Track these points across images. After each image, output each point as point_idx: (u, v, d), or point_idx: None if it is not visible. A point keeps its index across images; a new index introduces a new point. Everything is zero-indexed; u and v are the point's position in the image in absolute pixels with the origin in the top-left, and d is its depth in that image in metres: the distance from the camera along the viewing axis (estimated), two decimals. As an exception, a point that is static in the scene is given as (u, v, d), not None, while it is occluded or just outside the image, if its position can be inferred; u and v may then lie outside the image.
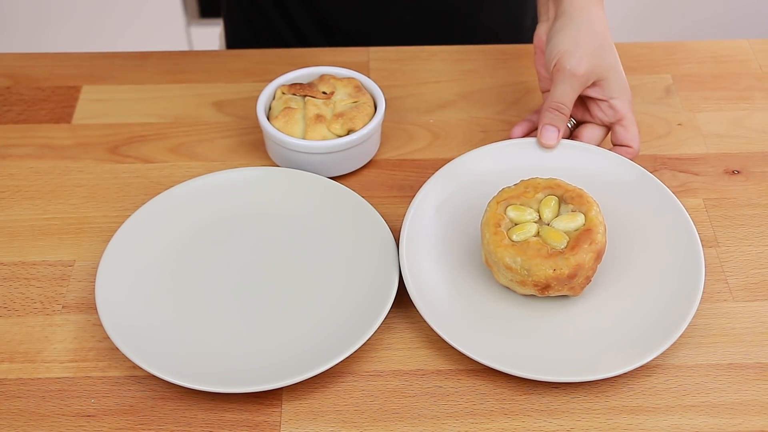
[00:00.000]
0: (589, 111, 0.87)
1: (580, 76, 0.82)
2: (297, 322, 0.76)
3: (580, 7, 0.85)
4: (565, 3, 0.85)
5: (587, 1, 0.85)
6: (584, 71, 0.82)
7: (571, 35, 0.83)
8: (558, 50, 0.83)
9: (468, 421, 0.71)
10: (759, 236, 0.84)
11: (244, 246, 0.82)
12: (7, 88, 0.99)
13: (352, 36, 1.11)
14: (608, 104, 0.85)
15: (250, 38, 1.17)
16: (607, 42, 0.84)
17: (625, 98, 0.85)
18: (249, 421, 0.71)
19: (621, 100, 0.84)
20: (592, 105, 0.86)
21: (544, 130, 0.84)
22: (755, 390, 0.72)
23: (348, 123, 0.87)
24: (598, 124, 0.87)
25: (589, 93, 0.85)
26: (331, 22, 1.11)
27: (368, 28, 1.10)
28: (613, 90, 0.84)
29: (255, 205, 0.85)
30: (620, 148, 0.86)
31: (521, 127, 0.89)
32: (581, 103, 0.87)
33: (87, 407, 0.72)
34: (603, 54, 0.83)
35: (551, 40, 0.85)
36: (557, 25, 0.85)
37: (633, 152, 0.86)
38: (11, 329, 0.77)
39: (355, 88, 0.90)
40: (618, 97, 0.84)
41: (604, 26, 0.85)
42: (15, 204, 0.87)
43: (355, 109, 0.88)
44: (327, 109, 0.89)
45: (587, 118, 0.88)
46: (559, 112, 0.84)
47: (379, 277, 0.77)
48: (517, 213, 0.76)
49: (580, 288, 0.75)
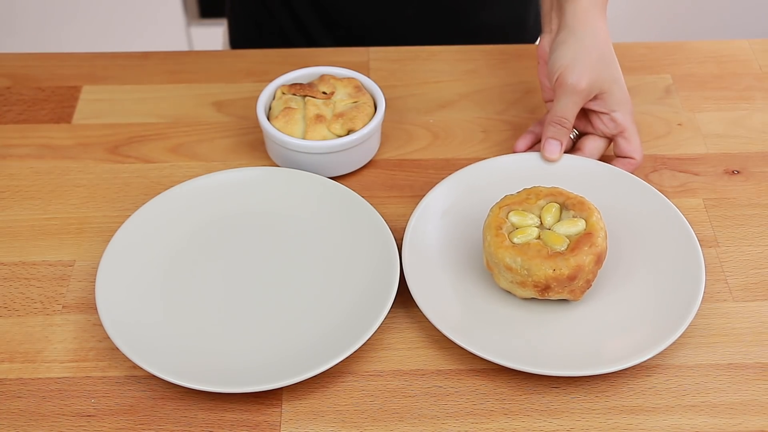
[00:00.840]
0: (591, 123, 0.88)
1: (581, 90, 0.83)
2: (297, 321, 0.76)
3: (582, 20, 0.85)
4: (568, 15, 0.85)
5: (590, 14, 0.85)
6: (585, 86, 0.83)
7: (573, 49, 0.84)
8: (560, 64, 0.84)
9: (468, 421, 0.71)
10: (759, 236, 0.84)
11: (244, 246, 0.82)
12: (8, 88, 1.00)
13: (354, 30, 1.11)
14: (609, 117, 0.85)
15: (254, 36, 1.17)
16: (609, 55, 0.85)
17: (626, 110, 0.85)
18: (249, 421, 0.71)
19: (622, 113, 0.85)
20: (593, 117, 0.87)
21: (547, 144, 0.86)
22: (755, 390, 0.72)
23: (348, 123, 0.87)
24: (599, 136, 0.88)
25: (591, 106, 0.86)
26: (336, 16, 1.11)
27: (372, 23, 1.10)
28: (615, 103, 0.85)
29: (255, 205, 0.85)
30: (623, 159, 0.87)
31: (524, 140, 0.90)
32: (583, 115, 0.88)
33: (87, 407, 0.72)
34: (604, 68, 0.84)
35: (554, 52, 0.85)
36: (560, 37, 0.85)
37: (636, 163, 0.87)
38: (11, 329, 0.77)
39: (355, 88, 0.90)
40: (619, 110, 0.85)
41: (606, 39, 0.86)
42: (15, 204, 0.87)
43: (355, 109, 0.88)
44: (327, 109, 0.89)
45: (589, 129, 0.88)
46: (561, 126, 0.85)
47: (379, 277, 0.77)
48: (519, 218, 0.77)
49: (581, 292, 0.75)
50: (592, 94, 0.84)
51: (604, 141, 0.88)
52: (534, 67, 1.01)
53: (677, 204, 0.86)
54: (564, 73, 0.83)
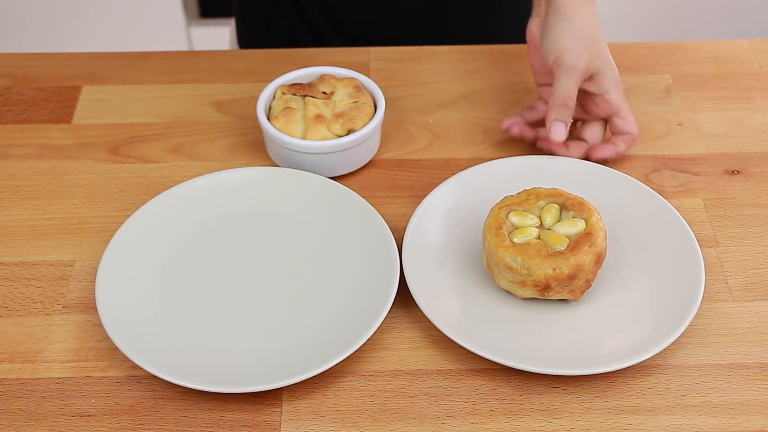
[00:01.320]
0: (584, 108, 0.89)
1: (581, 69, 0.84)
2: (297, 321, 0.76)
3: (572, 4, 0.87)
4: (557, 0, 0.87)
5: None
6: (584, 65, 0.84)
7: (567, 31, 0.85)
8: (556, 45, 0.85)
9: (468, 421, 0.71)
10: (759, 236, 0.84)
11: (244, 246, 0.82)
12: (7, 88, 1.00)
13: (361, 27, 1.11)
14: (603, 98, 0.86)
15: (263, 34, 1.17)
16: (600, 37, 0.87)
17: (618, 90, 0.87)
18: (249, 421, 0.71)
19: (615, 93, 0.86)
20: (587, 101, 0.88)
21: (554, 126, 0.85)
22: (755, 390, 0.72)
23: (348, 123, 0.87)
24: (595, 120, 0.88)
25: (586, 87, 0.87)
26: (341, 11, 1.11)
27: (379, 19, 1.10)
28: (608, 83, 0.86)
29: (255, 205, 0.85)
30: (621, 136, 0.87)
31: (512, 120, 0.90)
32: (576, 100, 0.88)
33: (87, 407, 0.72)
34: (598, 47, 0.86)
35: (547, 35, 0.86)
36: (551, 21, 0.86)
37: (634, 138, 0.88)
38: (11, 329, 0.77)
39: (355, 88, 0.90)
40: (612, 91, 0.86)
41: (595, 22, 0.87)
42: (15, 204, 0.87)
43: (355, 109, 0.88)
44: (327, 109, 0.89)
45: (583, 115, 0.89)
46: (566, 107, 0.85)
47: (379, 277, 0.77)
48: (519, 218, 0.77)
49: (581, 292, 0.75)
50: (589, 74, 0.85)
51: (601, 124, 0.89)
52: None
53: (677, 204, 0.86)
54: (562, 54, 0.84)
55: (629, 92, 0.98)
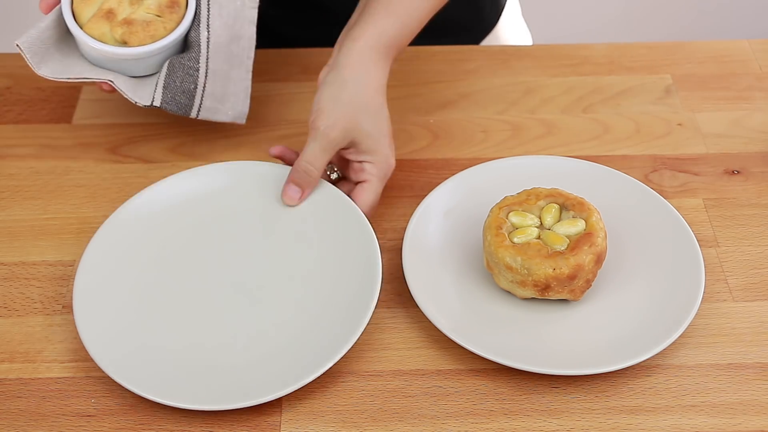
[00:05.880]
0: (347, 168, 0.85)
1: (332, 138, 0.79)
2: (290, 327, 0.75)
3: (354, 63, 0.81)
4: (342, 55, 0.81)
5: (365, 57, 0.81)
6: (336, 134, 0.79)
7: (333, 95, 0.80)
8: (317, 107, 0.80)
9: (468, 421, 0.71)
10: (759, 236, 0.84)
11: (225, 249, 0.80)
12: (8, 88, 1.00)
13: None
14: (360, 166, 0.82)
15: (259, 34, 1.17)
16: (373, 106, 0.81)
17: (379, 165, 0.81)
18: (249, 422, 0.71)
19: (374, 165, 0.81)
20: (348, 163, 0.84)
21: (288, 188, 0.82)
22: (755, 390, 0.72)
23: (126, 35, 0.81)
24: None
25: (345, 154, 0.82)
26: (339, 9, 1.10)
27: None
28: (366, 155, 0.81)
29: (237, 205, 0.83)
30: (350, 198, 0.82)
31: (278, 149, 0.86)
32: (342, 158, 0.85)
33: (87, 407, 0.72)
34: (363, 118, 0.80)
35: (318, 90, 0.82)
36: (328, 77, 0.81)
37: None
38: (11, 329, 0.77)
39: (172, 2, 0.82)
40: (372, 162, 0.81)
41: (377, 88, 0.81)
42: (15, 204, 0.87)
43: (146, 25, 0.81)
44: (125, 10, 0.81)
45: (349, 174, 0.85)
46: (306, 173, 0.81)
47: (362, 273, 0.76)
48: (519, 218, 0.77)
49: (581, 292, 0.75)
50: (345, 143, 0.80)
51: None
52: (534, 67, 1.01)
53: (677, 204, 0.86)
54: (318, 116, 0.79)
55: (629, 92, 0.98)
